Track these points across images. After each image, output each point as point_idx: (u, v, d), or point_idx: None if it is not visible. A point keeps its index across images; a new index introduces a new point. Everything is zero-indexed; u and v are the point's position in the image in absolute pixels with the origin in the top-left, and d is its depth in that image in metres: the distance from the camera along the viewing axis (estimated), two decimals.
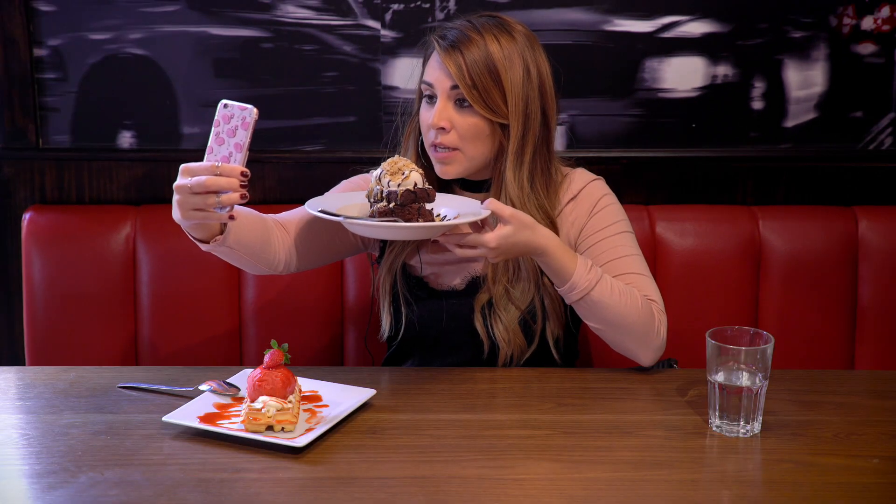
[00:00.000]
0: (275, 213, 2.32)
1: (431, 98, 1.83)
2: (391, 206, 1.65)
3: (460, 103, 1.80)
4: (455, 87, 1.78)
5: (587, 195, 1.90)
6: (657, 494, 1.39)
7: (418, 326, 1.90)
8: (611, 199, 1.92)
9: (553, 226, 1.85)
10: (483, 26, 1.81)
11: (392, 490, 1.39)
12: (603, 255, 1.84)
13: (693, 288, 2.25)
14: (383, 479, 1.41)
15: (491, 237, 1.65)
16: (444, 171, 1.84)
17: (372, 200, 1.69)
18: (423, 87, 1.85)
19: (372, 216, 1.67)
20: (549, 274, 1.75)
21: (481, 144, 1.82)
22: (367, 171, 1.95)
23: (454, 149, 1.81)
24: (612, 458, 1.48)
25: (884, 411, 1.65)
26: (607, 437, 1.55)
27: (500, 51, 1.79)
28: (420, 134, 1.88)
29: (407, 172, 1.66)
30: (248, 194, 1.56)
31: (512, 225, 1.65)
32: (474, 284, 1.88)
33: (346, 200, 1.78)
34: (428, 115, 1.82)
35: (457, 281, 1.90)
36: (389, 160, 1.69)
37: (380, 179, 1.67)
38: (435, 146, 1.82)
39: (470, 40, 1.79)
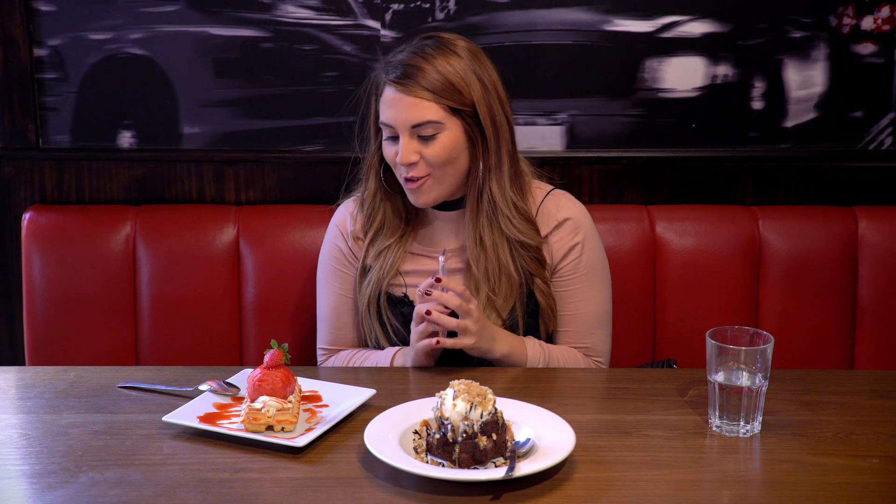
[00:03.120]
0: (274, 212, 2.33)
1: (394, 137, 1.83)
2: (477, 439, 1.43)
3: (424, 138, 1.80)
4: (416, 125, 1.79)
5: (571, 230, 1.91)
6: (657, 494, 1.39)
7: (404, 342, 1.92)
8: (592, 241, 1.93)
9: (531, 223, 1.87)
10: (428, 52, 1.81)
11: (392, 490, 1.39)
12: (572, 305, 1.92)
13: (693, 288, 2.25)
14: (383, 479, 1.41)
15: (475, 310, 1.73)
16: (418, 201, 1.85)
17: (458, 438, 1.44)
18: (382, 127, 1.85)
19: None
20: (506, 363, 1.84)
21: (451, 168, 1.83)
22: (339, 204, 2.01)
23: (426, 175, 1.82)
24: (612, 458, 1.48)
25: (884, 411, 1.65)
26: (607, 437, 1.55)
27: (455, 71, 1.80)
28: (380, 167, 1.90)
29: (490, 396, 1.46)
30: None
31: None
32: None
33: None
34: (392, 152, 1.83)
35: None
36: (460, 385, 1.46)
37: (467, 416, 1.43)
38: (406, 179, 1.83)
39: (421, 71, 1.79)
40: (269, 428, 1.52)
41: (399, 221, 1.93)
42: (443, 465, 1.43)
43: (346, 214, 1.99)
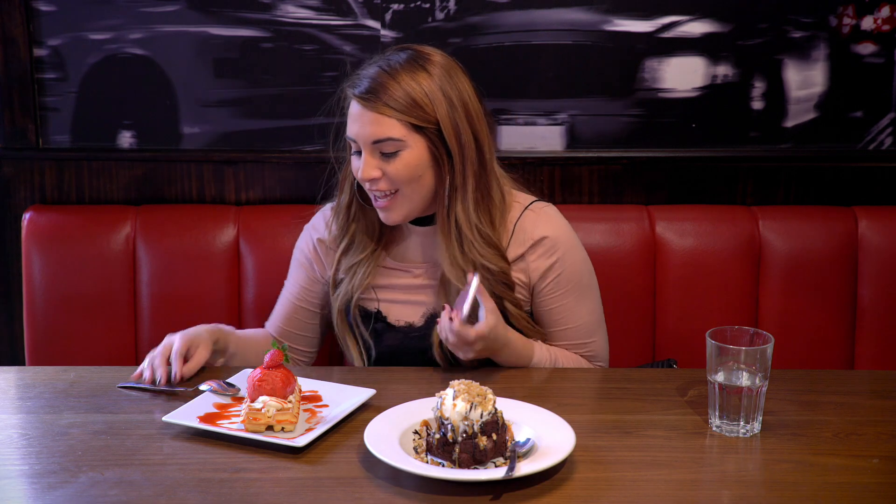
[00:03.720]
0: (274, 212, 2.33)
1: (358, 151, 1.81)
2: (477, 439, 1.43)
3: (386, 154, 1.78)
4: (377, 141, 1.77)
5: (548, 248, 1.87)
6: (657, 494, 1.39)
7: (367, 360, 1.92)
8: (572, 254, 1.89)
9: (497, 250, 1.83)
10: (396, 69, 1.78)
11: (392, 490, 1.39)
12: (562, 321, 1.90)
13: (693, 288, 2.25)
14: (383, 479, 1.41)
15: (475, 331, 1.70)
16: (388, 219, 1.83)
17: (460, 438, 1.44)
18: (348, 141, 1.83)
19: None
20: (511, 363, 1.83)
21: (417, 185, 1.80)
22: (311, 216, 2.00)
23: (394, 192, 1.80)
24: (612, 458, 1.48)
25: (884, 411, 1.65)
26: (607, 437, 1.55)
27: (419, 88, 1.77)
28: (354, 179, 1.87)
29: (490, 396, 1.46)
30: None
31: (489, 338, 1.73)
32: (432, 320, 1.88)
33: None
34: (356, 166, 1.82)
35: (416, 318, 1.90)
36: (460, 385, 1.46)
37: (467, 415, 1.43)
38: (374, 195, 1.82)
39: (384, 87, 1.76)
40: (269, 428, 1.52)
41: (372, 235, 1.91)
42: (443, 465, 1.43)
43: (322, 222, 1.97)
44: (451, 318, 1.70)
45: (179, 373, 1.72)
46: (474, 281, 1.70)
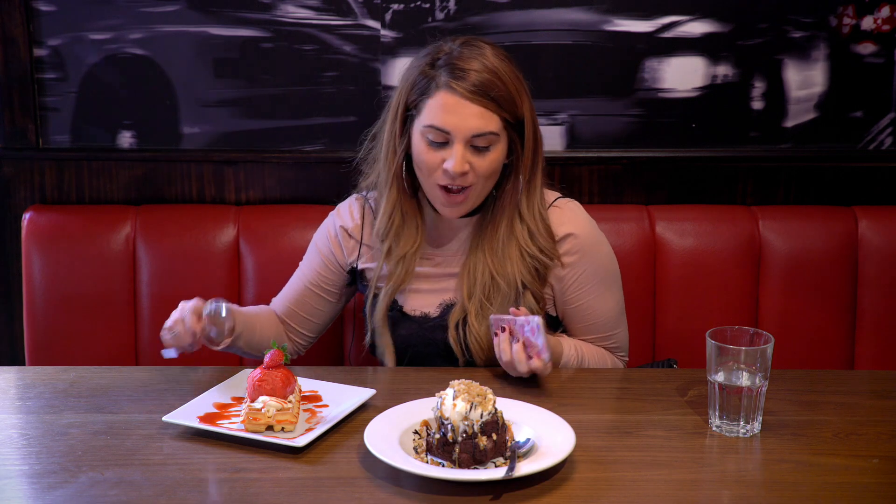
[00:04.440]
0: (274, 212, 2.33)
1: (442, 143, 1.76)
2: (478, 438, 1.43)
3: (477, 148, 1.76)
4: (478, 135, 1.75)
5: (573, 246, 1.87)
6: (657, 494, 1.39)
7: (395, 347, 1.91)
8: (597, 249, 1.90)
9: (553, 241, 1.85)
10: (496, 63, 1.76)
11: (392, 490, 1.39)
12: (588, 315, 1.90)
13: (693, 288, 2.25)
14: (383, 479, 1.41)
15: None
16: (455, 213, 1.82)
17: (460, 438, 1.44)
18: (427, 130, 1.76)
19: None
20: None
21: (491, 180, 1.82)
22: (334, 206, 2.00)
23: (468, 188, 1.79)
24: (612, 458, 1.48)
25: (884, 411, 1.65)
26: (607, 437, 1.55)
27: (514, 85, 1.77)
28: (403, 172, 1.83)
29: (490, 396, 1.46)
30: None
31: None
32: (448, 310, 1.88)
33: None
34: (434, 158, 1.76)
35: (432, 308, 1.89)
36: (460, 385, 1.46)
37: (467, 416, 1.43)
38: (447, 188, 1.78)
39: (489, 80, 1.74)
40: (269, 428, 1.52)
41: (417, 228, 1.88)
42: (443, 465, 1.43)
43: (347, 211, 1.96)
44: (530, 357, 1.69)
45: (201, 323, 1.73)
46: (539, 320, 1.69)
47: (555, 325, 1.94)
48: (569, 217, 1.89)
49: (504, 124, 1.78)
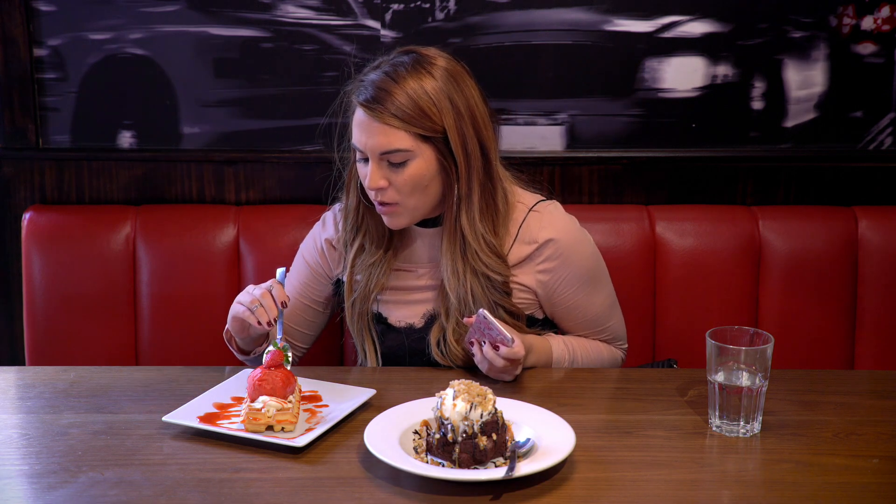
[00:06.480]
0: (274, 212, 2.33)
1: (365, 159, 1.78)
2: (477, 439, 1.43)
3: (392, 164, 1.75)
4: (385, 153, 1.74)
5: (554, 251, 1.86)
6: (657, 494, 1.39)
7: (380, 360, 1.92)
8: (580, 251, 1.89)
9: (501, 259, 1.82)
10: (402, 74, 1.74)
11: (392, 490, 1.39)
12: (578, 314, 1.90)
13: (693, 288, 2.25)
14: (383, 479, 1.41)
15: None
16: (392, 224, 1.82)
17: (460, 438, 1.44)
18: (352, 146, 1.80)
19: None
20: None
21: (421, 195, 1.78)
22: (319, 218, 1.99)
23: (395, 203, 1.78)
24: (612, 458, 1.48)
25: (884, 411, 1.65)
26: (607, 437, 1.55)
27: (426, 96, 1.73)
28: (359, 181, 1.84)
29: (490, 396, 1.46)
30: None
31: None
32: (432, 321, 1.87)
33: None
34: (363, 173, 1.79)
35: (416, 319, 1.89)
36: (460, 385, 1.47)
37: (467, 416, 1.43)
38: (377, 203, 1.80)
39: (391, 96, 1.73)
40: (269, 428, 1.52)
41: (381, 237, 1.88)
42: (443, 465, 1.43)
43: (332, 221, 1.96)
44: (496, 348, 1.69)
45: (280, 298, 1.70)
46: (486, 313, 1.69)
47: (546, 325, 1.94)
48: (548, 221, 1.87)
49: (418, 138, 1.74)
